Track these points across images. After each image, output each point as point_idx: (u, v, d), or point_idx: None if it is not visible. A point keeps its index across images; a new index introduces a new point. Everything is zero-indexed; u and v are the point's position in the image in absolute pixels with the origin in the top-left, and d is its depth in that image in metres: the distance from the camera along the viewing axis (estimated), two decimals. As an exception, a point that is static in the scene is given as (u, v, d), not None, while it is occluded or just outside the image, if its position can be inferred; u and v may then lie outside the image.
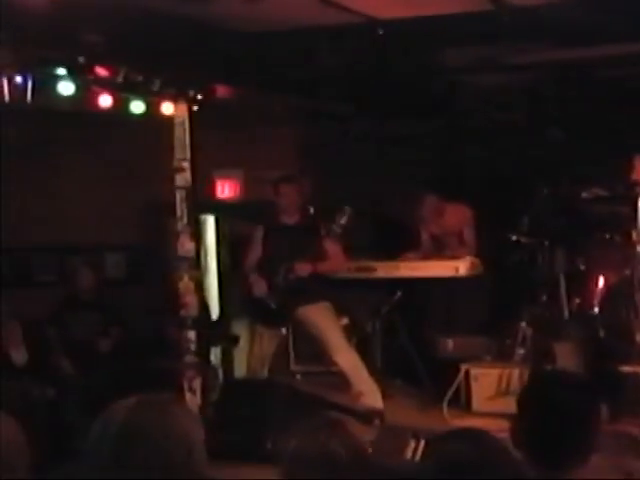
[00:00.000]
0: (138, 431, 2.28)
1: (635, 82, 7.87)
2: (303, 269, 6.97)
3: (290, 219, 7.24)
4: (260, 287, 7.10)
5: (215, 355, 7.71)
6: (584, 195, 6.58)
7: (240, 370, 7.92)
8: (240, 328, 7.98)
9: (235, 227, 8.63)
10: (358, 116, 9.12)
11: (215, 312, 8.36)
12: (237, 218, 8.59)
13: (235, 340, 7.85)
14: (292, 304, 7.09)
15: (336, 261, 7.21)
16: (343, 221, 6.81)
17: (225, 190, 9.21)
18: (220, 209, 8.80)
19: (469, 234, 8.41)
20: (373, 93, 8.54)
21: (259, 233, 7.31)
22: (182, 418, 2.37)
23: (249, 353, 7.41)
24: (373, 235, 9.08)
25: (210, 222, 8.61)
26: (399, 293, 7.90)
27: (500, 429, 4.68)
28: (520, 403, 3.01)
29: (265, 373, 7.25)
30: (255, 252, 7.27)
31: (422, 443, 5.57)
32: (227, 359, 8.05)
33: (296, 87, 8.10)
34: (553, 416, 2.85)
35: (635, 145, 7.19)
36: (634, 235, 6.72)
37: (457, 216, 8.46)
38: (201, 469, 2.35)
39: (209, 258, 8.45)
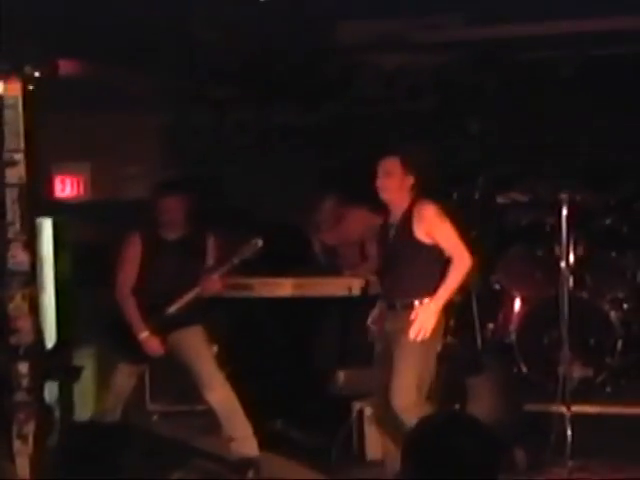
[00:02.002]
0: None
1: (561, 65, 8.02)
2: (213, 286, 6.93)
3: (172, 233, 7.13)
4: (155, 347, 6.99)
5: (50, 392, 7.54)
6: (500, 200, 6.63)
7: (82, 410, 7.77)
8: (83, 358, 7.82)
9: (79, 233, 8.49)
10: (238, 102, 9.08)
11: (52, 338, 8.18)
12: (81, 222, 8.45)
13: (77, 373, 7.70)
14: (165, 331, 6.99)
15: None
16: (249, 254, 6.81)
17: (67, 188, 9.05)
18: (59, 211, 8.62)
19: (372, 247, 8.40)
20: (256, 75, 8.51)
21: (136, 245, 7.13)
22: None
23: (101, 390, 7.25)
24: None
25: (47, 227, 8.43)
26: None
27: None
28: (404, 451, 2.99)
29: (118, 415, 7.12)
30: (132, 271, 7.08)
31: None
32: (66, 396, 7.90)
33: (162, 65, 8.01)
34: (438, 467, 2.82)
35: (559, 139, 7.32)
36: (557, 249, 6.77)
37: (357, 224, 8.44)
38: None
39: (45, 271, 8.27)
